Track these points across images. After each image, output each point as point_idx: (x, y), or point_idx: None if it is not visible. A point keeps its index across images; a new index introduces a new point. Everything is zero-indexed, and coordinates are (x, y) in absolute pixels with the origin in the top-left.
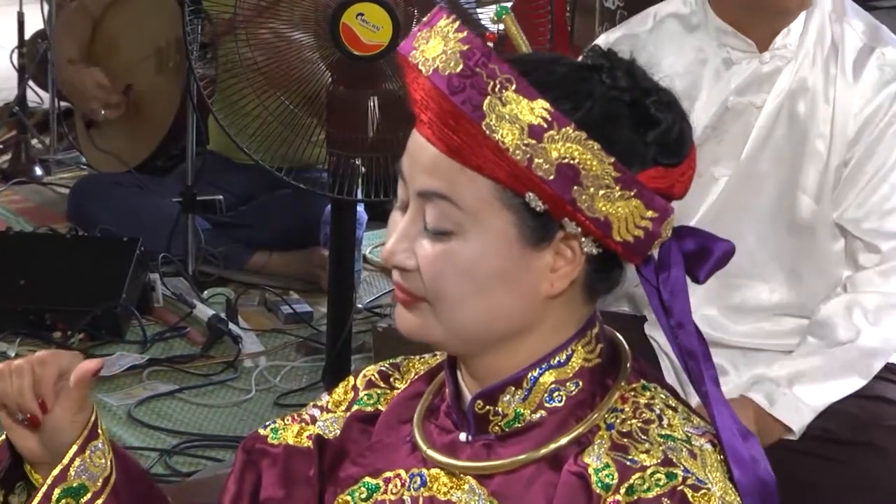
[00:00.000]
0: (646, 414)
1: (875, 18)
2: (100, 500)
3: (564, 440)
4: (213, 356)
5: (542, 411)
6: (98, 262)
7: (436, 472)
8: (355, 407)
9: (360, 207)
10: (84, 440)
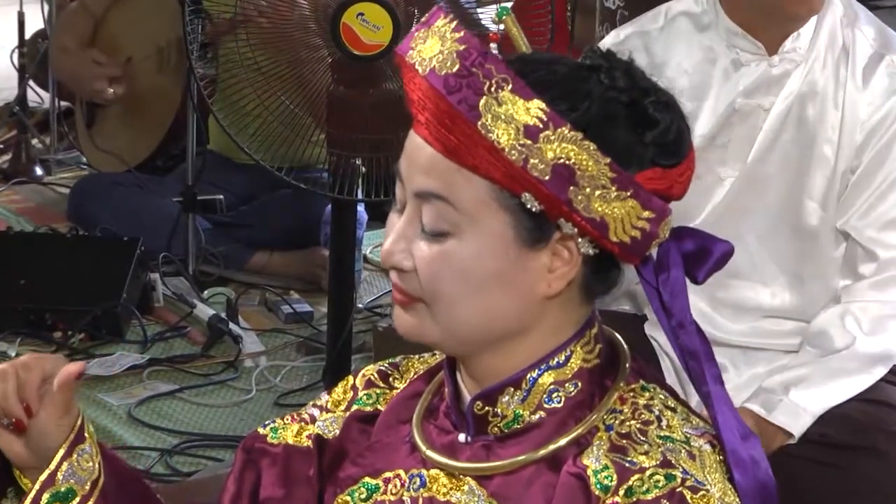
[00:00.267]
0: (644, 415)
1: (878, 18)
2: (88, 503)
3: (563, 441)
4: (213, 356)
5: (541, 412)
6: (98, 261)
7: (435, 473)
8: (354, 407)
9: (360, 207)
10: (70, 444)
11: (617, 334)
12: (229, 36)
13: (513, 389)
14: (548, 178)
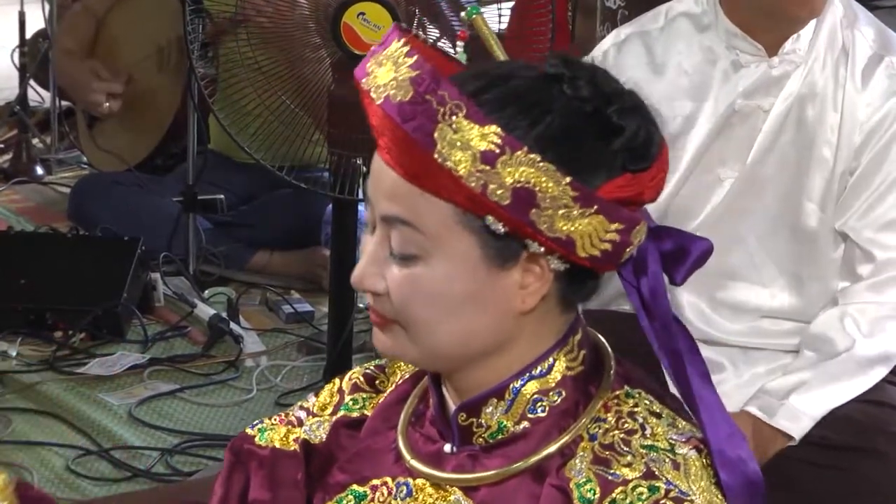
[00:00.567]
0: (629, 424)
1: (877, 18)
2: None
3: (547, 451)
4: (214, 356)
5: (526, 422)
6: (99, 261)
7: (421, 483)
8: (341, 412)
9: (361, 207)
10: None
11: (601, 337)
12: (230, 35)
13: (496, 400)
14: (508, 202)
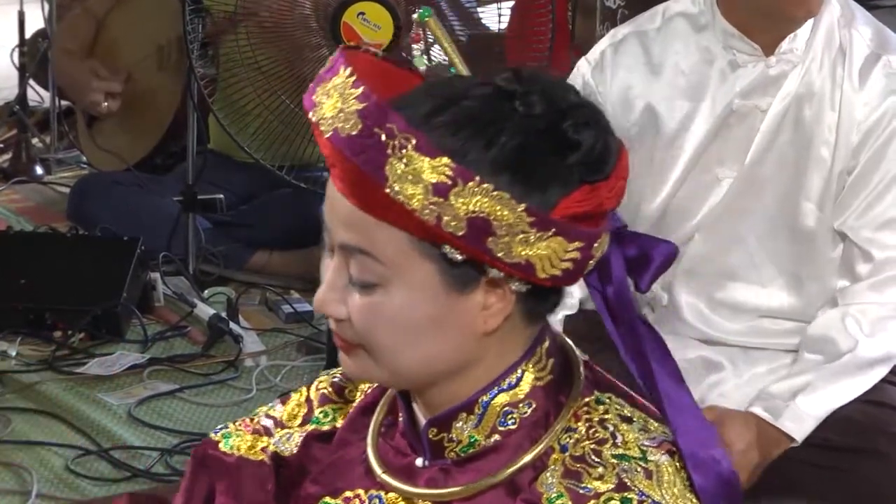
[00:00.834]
0: (599, 433)
1: (876, 18)
2: None
3: (519, 464)
4: (213, 355)
5: (497, 435)
6: (98, 261)
7: (394, 497)
8: (311, 426)
9: None
10: None
11: (569, 341)
12: (229, 35)
13: (465, 414)
14: (463, 232)
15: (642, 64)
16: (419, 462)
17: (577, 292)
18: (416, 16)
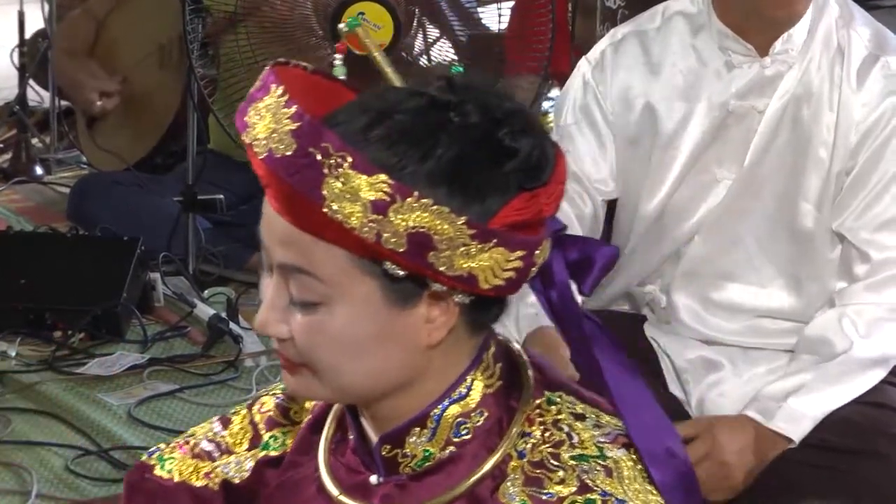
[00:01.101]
0: (555, 435)
1: (876, 18)
2: None
3: (478, 475)
4: (213, 356)
5: (452, 447)
6: (98, 261)
7: None
8: (262, 453)
9: None
10: None
11: (515, 344)
12: (230, 35)
13: (418, 429)
14: (404, 249)
15: (642, 64)
16: (374, 479)
17: (578, 296)
18: (343, 26)
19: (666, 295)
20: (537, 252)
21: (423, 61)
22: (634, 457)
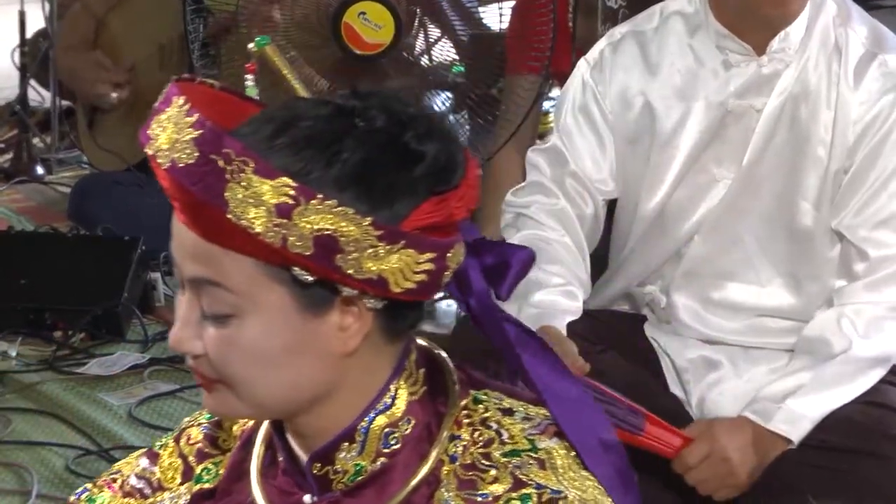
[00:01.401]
0: (485, 434)
1: (876, 18)
2: None
3: (413, 483)
4: None
5: (383, 458)
6: (99, 261)
7: None
8: (196, 486)
9: None
10: None
11: (434, 346)
12: (231, 35)
13: (347, 444)
14: (310, 252)
15: (640, 63)
16: (307, 499)
17: (581, 297)
18: (253, 45)
19: (666, 295)
20: (449, 255)
21: (424, 61)
22: (567, 444)
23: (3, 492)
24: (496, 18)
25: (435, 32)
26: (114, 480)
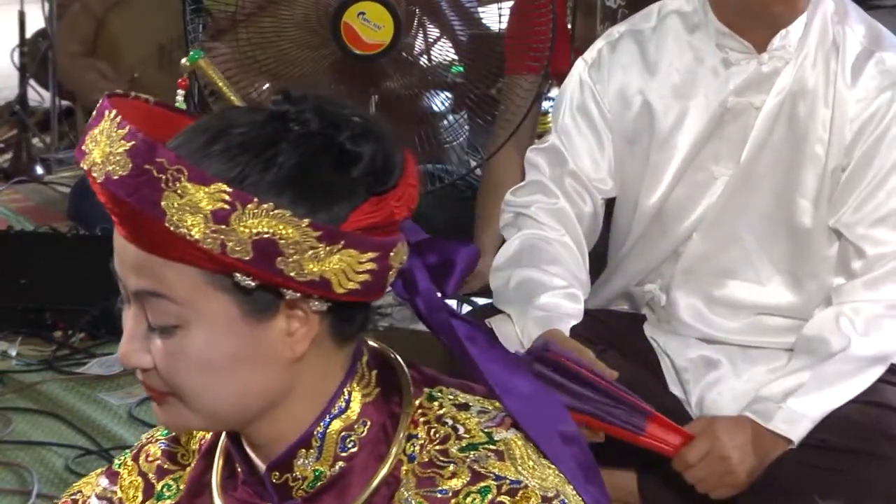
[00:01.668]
0: (441, 431)
1: (876, 18)
2: None
3: (373, 485)
4: None
5: (341, 462)
6: (99, 260)
7: None
8: (158, 503)
9: None
10: None
11: (385, 347)
12: (230, 35)
13: (304, 451)
14: (250, 256)
15: (638, 62)
16: None
17: (582, 298)
18: (185, 60)
19: (666, 293)
20: (392, 254)
21: (424, 61)
22: (524, 434)
23: (3, 492)
24: (495, 18)
25: (434, 32)
26: (74, 501)
